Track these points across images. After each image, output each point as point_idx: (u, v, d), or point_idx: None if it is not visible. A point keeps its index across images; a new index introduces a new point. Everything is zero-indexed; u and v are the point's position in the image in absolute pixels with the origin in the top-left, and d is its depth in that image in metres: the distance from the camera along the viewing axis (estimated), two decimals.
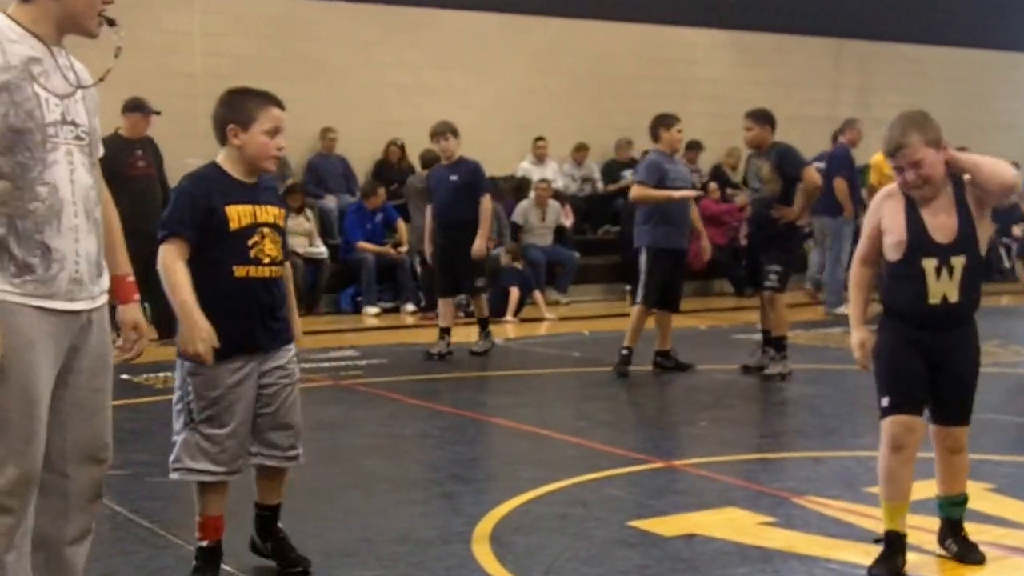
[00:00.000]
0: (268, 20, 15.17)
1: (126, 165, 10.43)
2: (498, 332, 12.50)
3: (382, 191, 14.31)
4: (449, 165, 10.23)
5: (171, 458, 4.36)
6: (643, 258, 9.34)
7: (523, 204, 15.44)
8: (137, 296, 3.68)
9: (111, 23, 3.41)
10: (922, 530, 4.75)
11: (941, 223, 4.42)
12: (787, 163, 9.04)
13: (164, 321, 11.13)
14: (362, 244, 13.87)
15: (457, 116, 11.16)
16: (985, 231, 4.54)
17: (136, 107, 10.83)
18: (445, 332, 10.27)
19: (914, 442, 4.46)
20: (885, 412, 4.47)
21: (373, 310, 13.54)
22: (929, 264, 4.43)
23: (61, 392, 3.37)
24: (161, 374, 9.12)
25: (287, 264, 4.51)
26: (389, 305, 13.78)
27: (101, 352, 3.47)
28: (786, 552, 4.78)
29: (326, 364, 9.74)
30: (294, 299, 4.59)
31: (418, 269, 14.04)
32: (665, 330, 9.57)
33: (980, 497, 5.50)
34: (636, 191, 9.43)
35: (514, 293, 13.55)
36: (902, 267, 4.48)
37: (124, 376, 9.21)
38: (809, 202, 9.16)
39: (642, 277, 9.38)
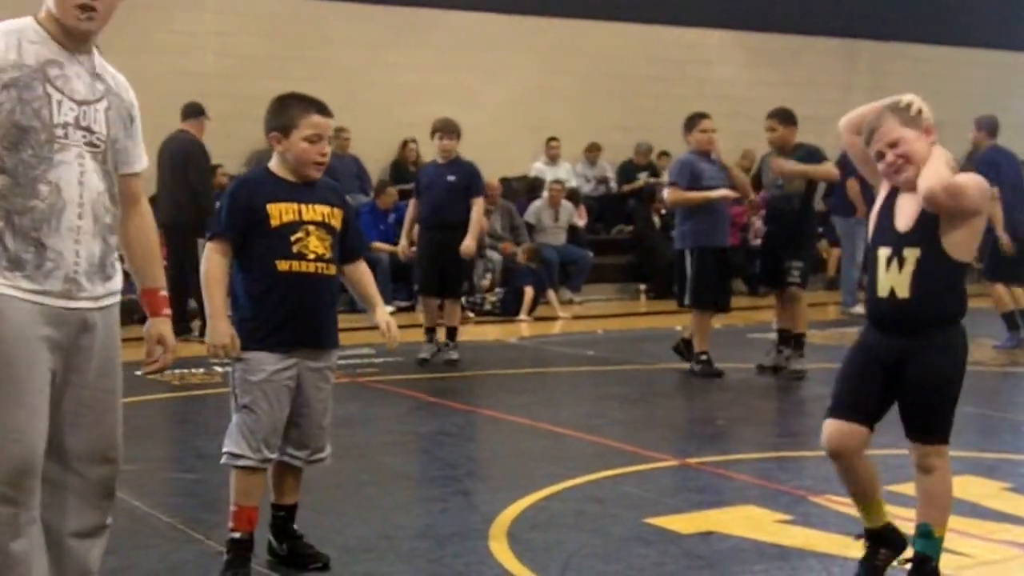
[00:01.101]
0: (280, 21, 15.19)
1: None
2: (512, 331, 12.51)
3: (394, 191, 14.31)
4: (445, 164, 9.83)
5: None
6: (688, 259, 9.21)
7: (536, 204, 15.43)
8: (167, 311, 3.71)
9: (88, 15, 3.41)
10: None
11: (906, 211, 4.11)
12: (815, 161, 8.98)
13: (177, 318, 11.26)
14: (376, 244, 13.87)
15: (469, 117, 11.15)
16: (968, 232, 4.08)
17: (200, 111, 11.45)
18: (431, 333, 9.87)
19: (848, 450, 4.18)
20: (825, 415, 4.26)
21: (388, 309, 13.52)
22: (883, 253, 4.13)
23: (68, 392, 3.40)
24: (177, 371, 9.12)
25: (361, 262, 4.60)
26: (404, 304, 13.77)
27: (108, 355, 3.48)
28: (804, 550, 4.76)
29: (343, 361, 9.64)
30: (374, 292, 4.65)
31: None
32: (701, 332, 9.42)
33: (996, 496, 5.49)
34: (671, 194, 9.34)
35: (528, 292, 13.54)
36: (868, 255, 4.27)
37: (140, 372, 9.21)
38: (812, 178, 9.02)
39: (690, 279, 9.23)
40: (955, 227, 4.04)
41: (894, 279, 4.08)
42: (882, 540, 4.30)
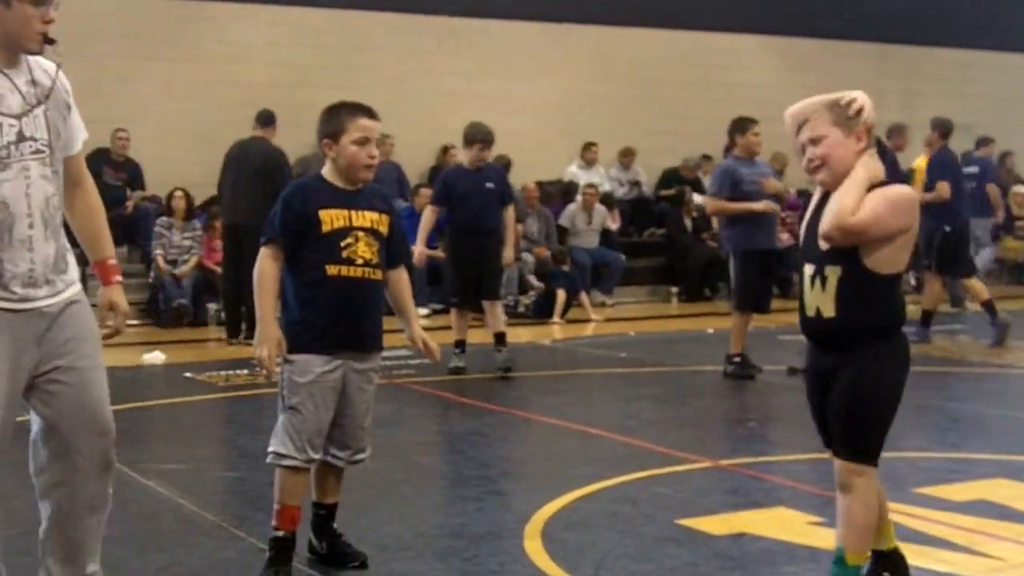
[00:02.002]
0: (327, 32, 15.31)
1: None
2: (545, 333, 12.51)
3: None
4: (477, 170, 9.41)
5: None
6: (732, 262, 9.20)
7: (570, 208, 15.43)
8: (118, 278, 3.79)
9: (50, 42, 3.48)
10: (970, 531, 4.69)
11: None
12: None
13: (233, 323, 11.32)
14: (414, 248, 13.89)
15: (507, 123, 11.19)
16: (892, 248, 3.72)
17: (274, 119, 11.37)
18: (462, 345, 9.43)
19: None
20: None
21: (423, 311, 13.57)
22: (807, 270, 3.84)
23: (49, 380, 3.54)
24: (223, 372, 9.19)
25: (402, 271, 4.61)
26: (439, 307, 13.80)
27: (77, 336, 3.59)
28: None
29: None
30: (410, 305, 4.67)
31: None
32: (739, 334, 9.34)
33: (1019, 498, 5.45)
34: (710, 205, 9.33)
35: (560, 295, 13.53)
36: (798, 268, 3.94)
37: (187, 374, 9.31)
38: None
39: (733, 281, 9.24)
40: (877, 247, 3.72)
41: (819, 298, 3.80)
42: (889, 564, 4.09)
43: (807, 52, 18.36)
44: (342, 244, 4.34)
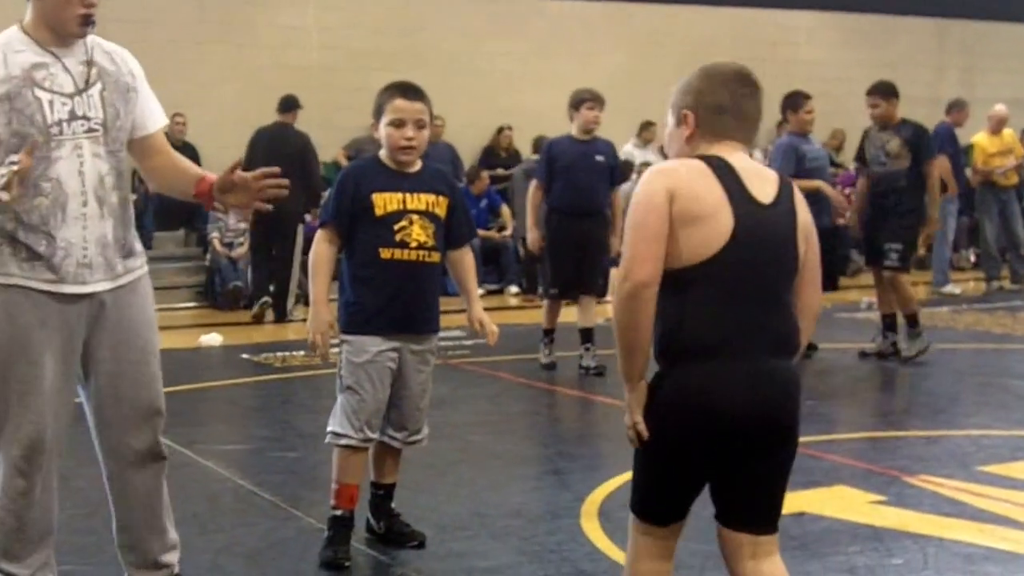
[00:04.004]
0: (379, 14, 15.28)
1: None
2: (599, 312, 12.41)
3: (486, 176, 14.33)
4: (588, 141, 8.39)
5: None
6: None
7: (625, 187, 15.28)
8: (213, 176, 3.66)
9: (90, 23, 3.48)
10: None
11: None
12: (922, 145, 8.63)
13: (281, 304, 11.43)
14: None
15: (562, 103, 11.08)
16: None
17: (297, 104, 11.66)
18: (551, 334, 8.59)
19: None
20: None
21: (478, 292, 13.55)
22: None
23: (99, 369, 3.56)
24: (279, 353, 9.22)
25: (466, 251, 4.58)
26: (494, 287, 13.79)
27: (132, 327, 3.59)
28: (898, 531, 4.66)
29: None
30: (474, 286, 4.65)
31: (521, 252, 14.04)
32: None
33: None
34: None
35: (614, 274, 13.44)
36: None
37: (244, 355, 9.36)
38: (936, 197, 8.73)
39: None
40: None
41: None
42: None
43: (865, 28, 18.10)
44: (396, 227, 4.30)
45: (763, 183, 2.92)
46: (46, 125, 3.42)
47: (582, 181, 8.20)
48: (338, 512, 4.37)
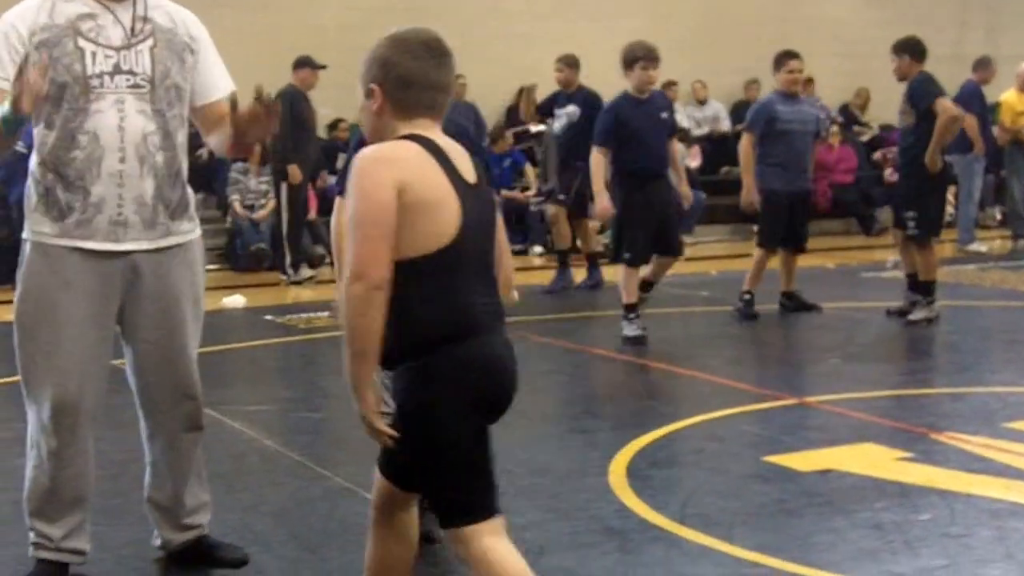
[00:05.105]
0: None
1: (304, 115, 11.37)
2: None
3: (510, 136, 14.26)
4: (648, 100, 8.10)
5: None
6: (760, 200, 8.87)
7: None
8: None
9: None
10: None
11: None
12: (916, 94, 8.34)
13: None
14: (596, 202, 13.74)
15: (583, 63, 11.00)
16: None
17: (305, 63, 11.52)
18: (636, 309, 8.10)
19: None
20: None
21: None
22: None
23: (136, 336, 3.55)
24: (304, 315, 9.23)
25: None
26: (518, 247, 13.75)
27: (171, 295, 3.55)
28: (925, 487, 4.63)
29: None
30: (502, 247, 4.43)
31: (546, 213, 14.00)
32: (788, 270, 9.25)
33: None
34: (742, 142, 8.99)
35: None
36: None
37: (268, 317, 9.37)
38: (942, 136, 8.18)
39: (761, 219, 9.06)
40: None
41: None
42: None
43: None
44: None
45: (465, 161, 2.86)
46: (84, 76, 3.38)
47: (652, 142, 8.00)
48: None
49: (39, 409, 3.48)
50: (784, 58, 8.91)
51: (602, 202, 8.06)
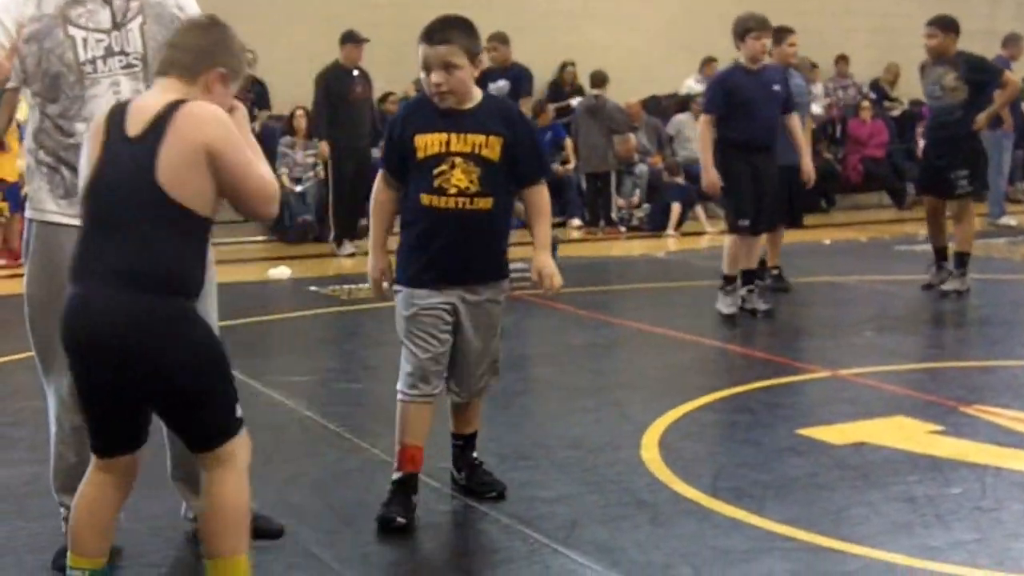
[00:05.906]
0: None
1: (346, 90, 11.29)
2: (659, 246, 12.29)
3: (552, 110, 14.13)
4: (760, 71, 7.70)
5: None
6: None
7: (679, 117, 14.97)
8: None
9: None
10: None
11: None
12: (977, 68, 8.31)
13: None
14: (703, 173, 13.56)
15: (626, 39, 10.83)
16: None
17: (349, 38, 11.47)
18: (734, 281, 7.74)
19: None
20: None
21: (548, 235, 13.37)
22: None
23: None
24: (347, 286, 9.18)
25: (534, 190, 4.12)
26: (556, 220, 13.64)
27: None
28: (956, 460, 4.53)
29: None
30: (541, 231, 4.20)
31: (583, 186, 13.88)
32: (775, 244, 8.65)
33: None
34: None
35: (675, 208, 13.26)
36: None
37: (312, 288, 9.33)
38: (1006, 104, 8.45)
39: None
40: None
41: None
42: None
43: None
44: (435, 172, 3.93)
45: (141, 116, 2.94)
46: (78, 63, 3.33)
47: (763, 114, 7.61)
48: (397, 475, 4.04)
49: (57, 387, 3.43)
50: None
51: (710, 176, 7.62)
